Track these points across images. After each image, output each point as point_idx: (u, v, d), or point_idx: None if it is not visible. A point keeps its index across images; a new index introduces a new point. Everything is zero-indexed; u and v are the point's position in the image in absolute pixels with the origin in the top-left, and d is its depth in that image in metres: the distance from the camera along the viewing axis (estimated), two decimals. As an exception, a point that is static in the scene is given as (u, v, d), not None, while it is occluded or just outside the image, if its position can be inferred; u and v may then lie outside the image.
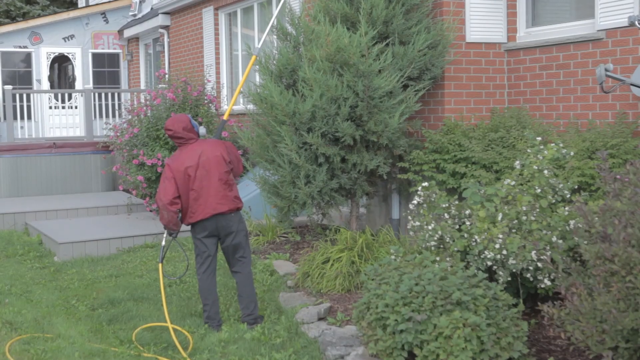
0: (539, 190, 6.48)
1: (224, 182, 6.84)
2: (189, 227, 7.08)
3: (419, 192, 7.06)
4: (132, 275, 8.96)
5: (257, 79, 11.10)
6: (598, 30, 8.20)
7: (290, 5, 9.52)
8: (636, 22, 7.10)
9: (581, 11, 8.72)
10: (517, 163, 6.93)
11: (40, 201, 13.93)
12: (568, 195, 6.65)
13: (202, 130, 7.03)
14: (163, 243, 7.18)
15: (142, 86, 20.34)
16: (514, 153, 7.90)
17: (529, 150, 6.90)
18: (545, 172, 6.59)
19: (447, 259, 6.47)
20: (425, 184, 7.07)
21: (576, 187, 7.07)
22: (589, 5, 8.52)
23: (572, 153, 6.96)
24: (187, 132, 6.87)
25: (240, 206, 6.98)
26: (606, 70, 7.19)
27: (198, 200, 6.76)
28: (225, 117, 7.76)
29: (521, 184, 6.70)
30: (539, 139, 6.92)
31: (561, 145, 6.95)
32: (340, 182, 8.48)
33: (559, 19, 9.03)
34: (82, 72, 20.91)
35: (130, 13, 20.57)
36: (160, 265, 7.19)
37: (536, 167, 6.62)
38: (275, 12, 8.90)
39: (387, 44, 8.54)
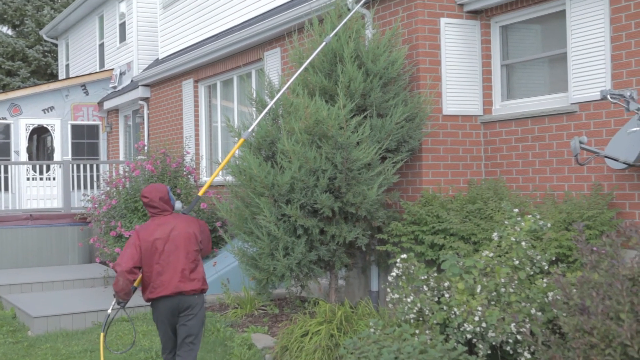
0: (517, 262, 6.49)
1: (192, 260, 6.48)
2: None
3: (397, 264, 7.04)
4: (107, 350, 8.80)
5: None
6: (572, 104, 8.35)
7: (270, 79, 9.63)
8: (608, 96, 7.24)
9: (555, 85, 8.89)
10: (495, 235, 6.95)
11: (15, 274, 13.74)
12: (546, 267, 6.67)
13: (177, 204, 6.74)
14: (109, 311, 6.77)
15: (121, 157, 20.36)
16: (492, 225, 7.93)
17: (506, 222, 6.94)
18: (523, 243, 6.62)
19: (427, 331, 6.42)
20: (404, 255, 7.06)
21: (554, 258, 7.08)
22: (562, 79, 8.69)
23: (549, 224, 7.01)
24: (162, 202, 6.59)
25: (205, 288, 6.58)
26: (580, 142, 7.29)
27: (162, 276, 6.39)
28: (200, 194, 7.47)
29: (499, 256, 6.72)
30: (516, 210, 6.97)
31: (538, 216, 7.00)
32: (319, 254, 8.45)
33: (534, 92, 9.19)
34: (61, 144, 20.92)
35: (111, 85, 20.72)
36: (102, 335, 6.74)
37: (514, 239, 6.65)
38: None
39: (365, 117, 8.64)
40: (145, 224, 6.64)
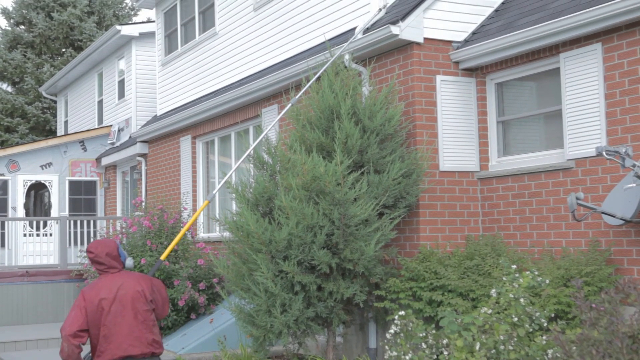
0: (516, 319, 6.45)
1: (142, 321, 5.95)
2: None
3: (395, 321, 7.00)
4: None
5: (234, 207, 11.15)
6: (567, 160, 8.40)
7: (267, 135, 9.69)
8: (604, 153, 7.28)
9: (551, 141, 8.95)
10: (493, 291, 6.93)
11: (9, 331, 13.60)
12: (545, 324, 6.63)
13: (129, 262, 6.21)
14: None
15: (119, 213, 20.34)
16: (490, 281, 7.91)
17: (504, 278, 6.92)
18: (522, 300, 6.59)
19: (426, 390, 6.35)
20: (402, 312, 7.03)
21: (553, 315, 7.05)
22: (558, 136, 8.76)
23: (547, 281, 6.99)
24: (110, 259, 6.07)
25: (158, 352, 6.03)
26: (577, 198, 7.32)
27: (108, 339, 5.86)
28: (162, 257, 7.02)
29: (498, 312, 6.68)
30: (514, 266, 6.96)
31: (536, 273, 6.98)
32: (317, 311, 8.39)
33: (530, 148, 9.25)
34: (58, 200, 20.91)
35: (109, 141, 20.82)
36: None
37: (512, 295, 6.62)
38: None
39: (362, 173, 8.67)
40: (92, 284, 6.13)
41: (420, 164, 8.92)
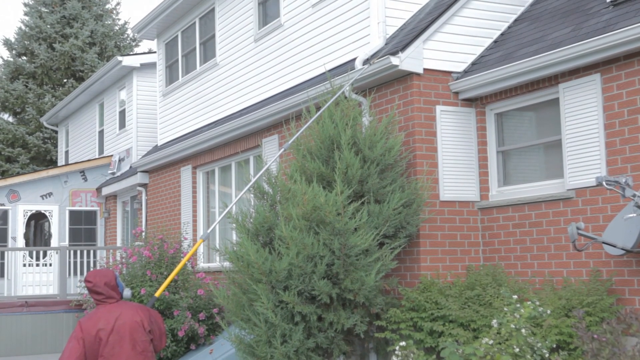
0: (517, 350, 6.42)
1: (140, 352, 5.95)
2: None
3: (396, 352, 6.97)
4: None
5: (234, 236, 11.14)
6: (568, 190, 8.40)
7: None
8: (604, 183, 7.30)
9: (551, 171, 8.96)
10: (494, 321, 6.90)
11: (8, 362, 13.53)
12: (547, 355, 6.59)
13: (127, 292, 6.24)
14: None
15: (119, 243, 20.32)
16: (491, 311, 7.88)
17: (505, 309, 6.89)
18: (523, 330, 6.56)
19: (427, 421, 6.31)
20: (403, 343, 6.99)
21: (554, 346, 7.01)
22: (557, 166, 8.77)
23: (548, 311, 6.96)
24: (108, 288, 6.07)
25: None
26: (578, 228, 7.31)
27: None
28: (157, 294, 6.91)
29: (499, 343, 6.65)
30: (515, 297, 6.94)
31: (537, 303, 6.96)
32: (317, 341, 8.35)
33: (530, 178, 9.26)
34: (58, 229, 20.90)
35: (109, 171, 20.85)
36: None
37: (514, 326, 6.59)
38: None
39: (363, 203, 8.67)
40: (90, 314, 6.12)
41: (420, 194, 8.92)
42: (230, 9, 14.02)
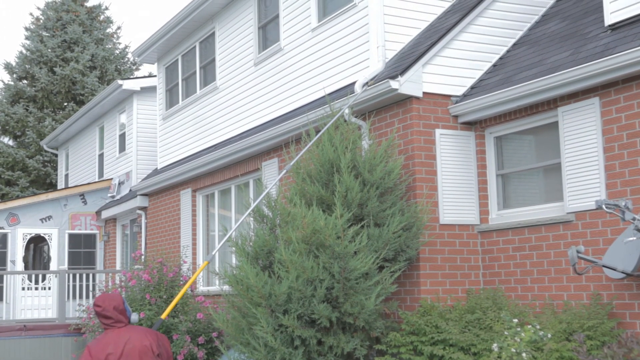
0: (518, 374, 6.39)
1: None
2: None
3: (396, 376, 6.92)
4: None
5: (234, 260, 11.12)
6: (568, 213, 8.40)
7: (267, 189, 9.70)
8: (603, 206, 7.30)
9: (550, 194, 8.96)
10: (494, 345, 6.87)
11: (6, 386, 13.45)
12: (548, 379, 6.55)
13: (134, 316, 6.25)
14: None
15: (118, 267, 20.27)
16: (492, 335, 7.84)
17: (506, 333, 6.87)
18: (524, 354, 6.53)
19: None
20: (403, 367, 6.95)
21: (555, 370, 6.98)
22: (557, 189, 8.77)
23: (549, 335, 6.94)
24: (117, 312, 6.05)
25: None
26: (578, 252, 7.30)
27: None
28: (163, 317, 6.90)
29: (500, 367, 6.62)
30: (515, 320, 6.91)
31: (538, 327, 6.93)
32: (317, 366, 8.30)
33: (530, 201, 9.26)
34: (57, 253, 20.86)
35: (109, 195, 20.85)
36: None
37: (514, 350, 6.57)
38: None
39: (363, 226, 8.66)
40: (98, 338, 6.11)
41: (420, 217, 8.92)
42: (231, 33, 14.09)
